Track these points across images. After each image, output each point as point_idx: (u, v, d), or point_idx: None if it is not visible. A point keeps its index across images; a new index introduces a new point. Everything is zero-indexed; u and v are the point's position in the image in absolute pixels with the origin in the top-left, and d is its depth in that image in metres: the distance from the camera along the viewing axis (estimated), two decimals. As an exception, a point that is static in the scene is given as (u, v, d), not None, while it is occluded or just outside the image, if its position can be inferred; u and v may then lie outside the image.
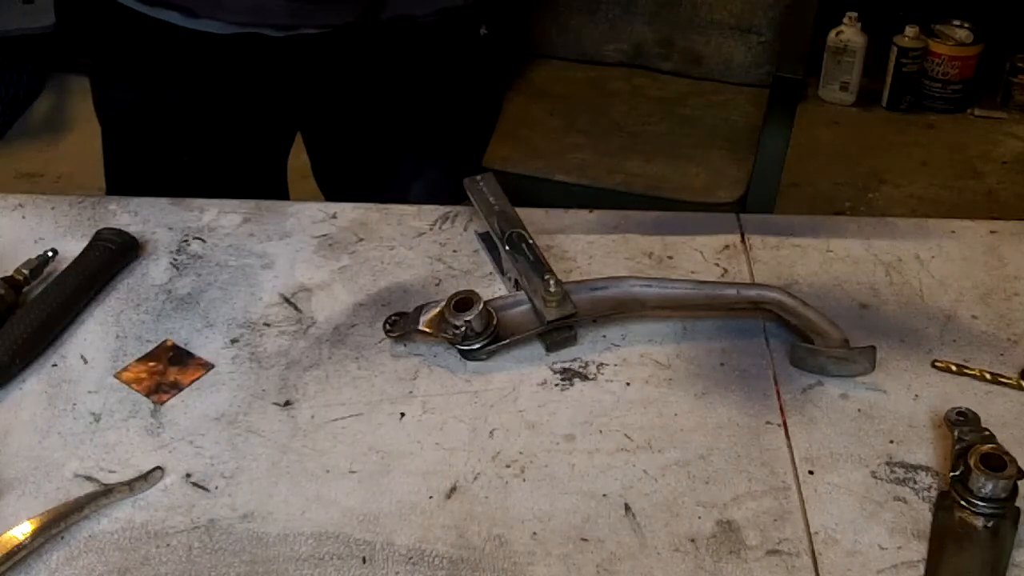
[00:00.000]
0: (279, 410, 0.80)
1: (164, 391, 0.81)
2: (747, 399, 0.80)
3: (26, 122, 3.03)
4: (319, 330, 0.87)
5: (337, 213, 1.01)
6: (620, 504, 0.72)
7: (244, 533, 0.70)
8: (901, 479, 0.73)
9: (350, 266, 0.94)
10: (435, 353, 0.85)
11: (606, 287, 0.85)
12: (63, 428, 0.78)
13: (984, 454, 0.68)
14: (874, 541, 0.69)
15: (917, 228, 0.97)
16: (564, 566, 0.68)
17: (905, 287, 0.90)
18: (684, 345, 0.85)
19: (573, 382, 0.82)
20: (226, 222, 1.00)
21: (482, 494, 0.73)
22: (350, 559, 0.68)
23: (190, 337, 0.87)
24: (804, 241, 0.95)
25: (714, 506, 0.71)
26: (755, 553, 0.68)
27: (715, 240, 0.96)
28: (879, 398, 0.80)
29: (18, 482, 0.74)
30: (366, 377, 0.83)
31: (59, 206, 1.01)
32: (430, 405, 0.80)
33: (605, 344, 0.85)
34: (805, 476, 0.73)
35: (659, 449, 0.76)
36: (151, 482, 0.73)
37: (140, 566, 0.68)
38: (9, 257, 0.93)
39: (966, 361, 0.82)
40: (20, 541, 0.67)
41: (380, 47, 1.07)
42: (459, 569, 0.68)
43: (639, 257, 0.94)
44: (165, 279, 0.93)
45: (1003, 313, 0.87)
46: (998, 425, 0.74)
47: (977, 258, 0.93)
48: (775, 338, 0.85)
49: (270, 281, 0.93)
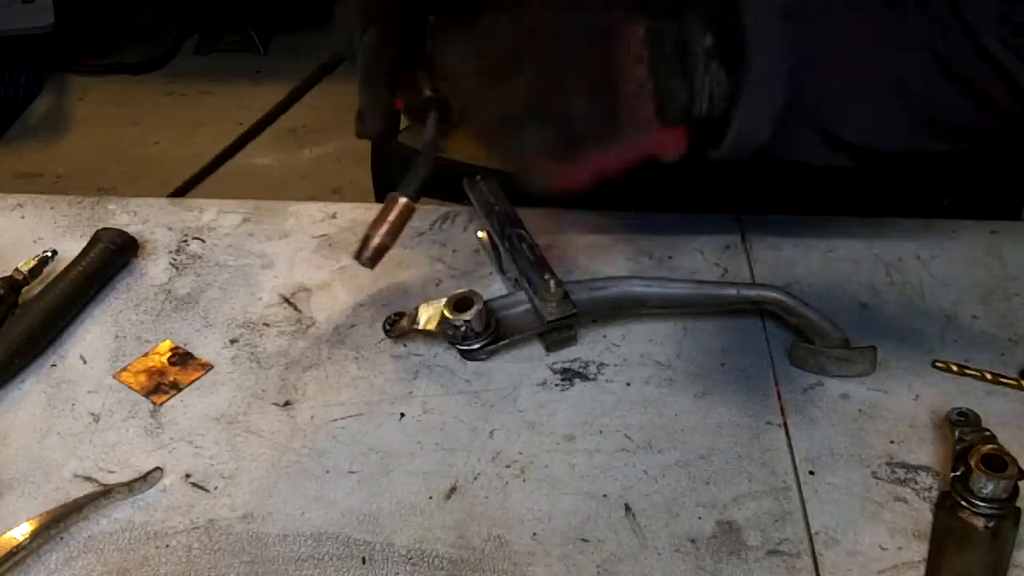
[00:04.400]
0: (279, 410, 0.80)
1: (163, 391, 0.81)
2: (747, 399, 0.80)
3: (25, 122, 3.04)
4: (319, 330, 0.87)
5: (337, 213, 1.00)
6: (620, 504, 0.72)
7: (244, 533, 0.70)
8: (902, 479, 0.73)
9: (350, 266, 0.94)
10: (435, 353, 0.84)
11: (606, 287, 0.85)
12: (62, 428, 0.78)
13: (985, 454, 0.68)
14: (875, 541, 0.69)
15: (918, 228, 0.97)
16: (564, 566, 0.68)
17: (906, 287, 0.90)
18: (684, 345, 0.85)
19: (573, 382, 0.82)
20: (225, 222, 0.99)
21: (482, 494, 0.73)
22: (350, 559, 0.68)
23: (189, 337, 0.86)
24: (804, 241, 0.95)
25: (714, 506, 0.71)
26: (755, 553, 0.68)
27: (715, 240, 0.95)
28: (880, 398, 0.79)
29: (17, 482, 0.74)
30: (366, 377, 0.82)
31: (58, 206, 1.01)
32: (430, 405, 0.80)
33: (605, 344, 0.85)
34: (805, 476, 0.73)
35: (659, 449, 0.76)
36: (150, 482, 0.73)
37: (139, 567, 0.68)
38: (8, 257, 0.93)
39: (967, 361, 0.82)
40: (19, 542, 0.67)
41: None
42: (459, 569, 0.68)
43: (639, 257, 0.94)
44: (164, 279, 0.93)
45: (1004, 313, 0.87)
46: (999, 425, 0.74)
47: (978, 258, 0.93)
48: (775, 338, 0.85)
49: (270, 281, 0.92)
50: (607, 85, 0.69)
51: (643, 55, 0.68)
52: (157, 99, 3.18)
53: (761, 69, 0.69)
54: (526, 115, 0.72)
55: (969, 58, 0.70)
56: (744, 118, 0.71)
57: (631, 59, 0.69)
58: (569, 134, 0.71)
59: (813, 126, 0.74)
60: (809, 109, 0.72)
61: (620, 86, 0.69)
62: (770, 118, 0.71)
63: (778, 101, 0.71)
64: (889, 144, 0.76)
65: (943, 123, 0.75)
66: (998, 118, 0.74)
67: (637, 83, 0.69)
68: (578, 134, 0.71)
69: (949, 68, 0.71)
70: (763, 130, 0.72)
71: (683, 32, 0.69)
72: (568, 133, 0.71)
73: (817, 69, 0.71)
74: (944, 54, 0.71)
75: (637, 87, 0.69)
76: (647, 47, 0.69)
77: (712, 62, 0.69)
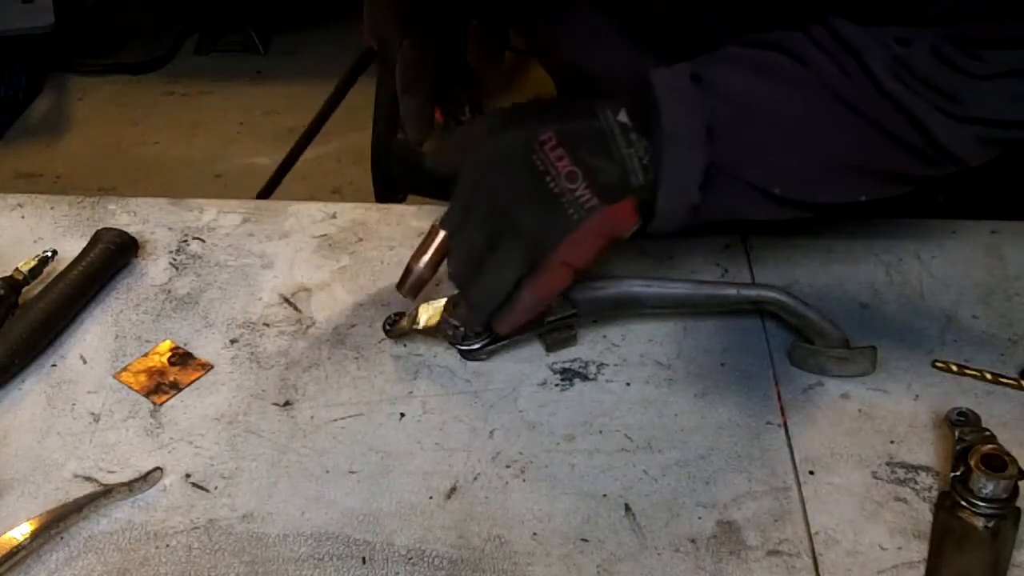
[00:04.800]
0: (279, 410, 0.80)
1: (163, 391, 0.81)
2: (747, 399, 0.80)
3: (26, 122, 3.04)
4: (319, 330, 0.87)
5: (337, 213, 1.00)
6: (620, 504, 0.72)
7: (244, 533, 0.70)
8: (902, 479, 0.73)
9: (350, 266, 0.94)
10: (435, 353, 0.84)
11: (606, 287, 0.85)
12: (62, 428, 0.78)
13: (985, 454, 0.68)
14: (874, 541, 0.69)
15: (918, 228, 0.97)
16: (564, 566, 0.68)
17: (906, 287, 0.90)
18: (684, 345, 0.85)
19: (573, 382, 0.82)
20: (225, 222, 0.99)
21: (482, 494, 0.73)
22: (350, 559, 0.68)
23: (189, 337, 0.86)
24: (804, 241, 0.95)
25: (714, 506, 0.71)
26: (755, 553, 0.68)
27: (715, 240, 0.95)
28: (879, 398, 0.79)
29: (17, 482, 0.74)
30: (366, 377, 0.82)
31: (58, 206, 1.01)
32: (430, 405, 0.80)
33: (605, 344, 0.85)
34: (805, 476, 0.73)
35: (659, 449, 0.76)
36: (150, 482, 0.73)
37: (139, 567, 0.68)
38: (8, 257, 0.93)
39: (967, 361, 0.82)
40: (19, 542, 0.67)
41: None
42: (459, 569, 0.68)
43: (639, 257, 0.94)
44: (164, 279, 0.93)
45: (1004, 313, 0.87)
46: (999, 425, 0.74)
47: (978, 258, 0.93)
48: (775, 338, 0.85)
49: (270, 281, 0.92)
50: (543, 192, 0.74)
51: (562, 153, 0.73)
52: (157, 99, 3.18)
53: (675, 128, 0.73)
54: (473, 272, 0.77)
55: (877, 102, 0.73)
56: (668, 180, 0.74)
57: (552, 160, 0.73)
58: (533, 247, 0.75)
59: (745, 183, 0.76)
60: (735, 166, 0.75)
61: (556, 185, 0.73)
62: (694, 176, 0.74)
63: (698, 159, 0.73)
64: (823, 194, 0.78)
65: (872, 168, 0.77)
66: (927, 163, 0.75)
67: (566, 177, 0.73)
68: (538, 242, 0.75)
69: (861, 112, 0.73)
70: (691, 190, 0.74)
71: (596, 118, 0.74)
72: (532, 246, 0.75)
73: (734, 126, 0.74)
74: (853, 99, 0.73)
75: (568, 181, 0.74)
76: (562, 145, 0.74)
77: (631, 134, 0.74)
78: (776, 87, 0.74)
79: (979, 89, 0.72)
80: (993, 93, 0.72)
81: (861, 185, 0.78)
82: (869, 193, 0.78)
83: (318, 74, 2.22)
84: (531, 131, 0.75)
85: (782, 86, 0.74)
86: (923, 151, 0.74)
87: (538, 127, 0.74)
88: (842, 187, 0.78)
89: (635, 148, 0.74)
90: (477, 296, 0.78)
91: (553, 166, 0.73)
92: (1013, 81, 0.72)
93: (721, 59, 0.75)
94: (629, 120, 0.74)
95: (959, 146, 0.74)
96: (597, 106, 0.75)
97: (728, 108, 0.74)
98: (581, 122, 0.75)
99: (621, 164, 0.74)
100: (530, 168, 0.74)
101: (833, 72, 0.73)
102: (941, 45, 0.72)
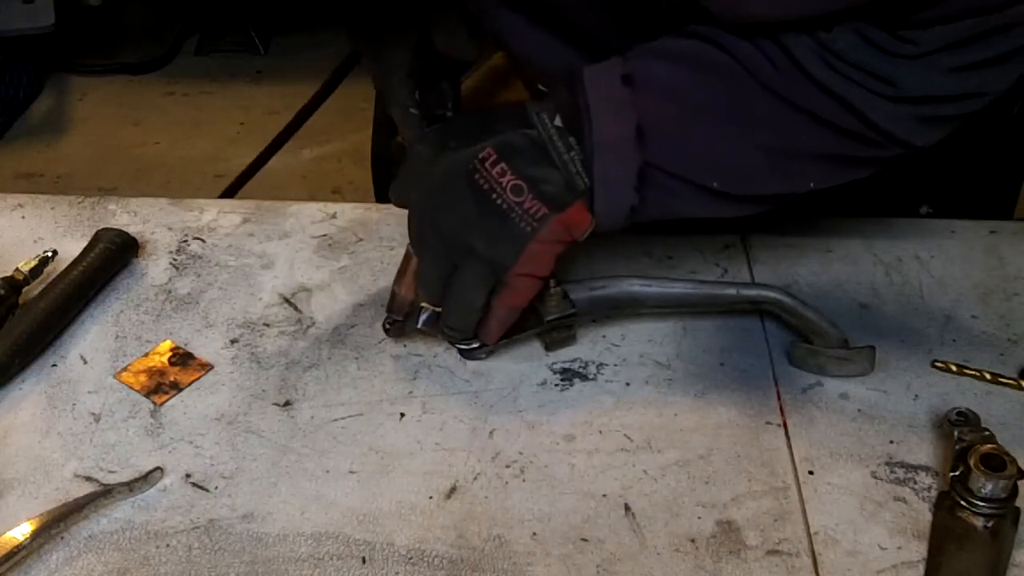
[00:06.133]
0: (279, 410, 0.80)
1: (164, 391, 0.81)
2: (747, 399, 0.80)
3: (26, 122, 3.03)
4: (319, 330, 0.87)
5: (337, 213, 1.01)
6: (620, 504, 0.72)
7: (244, 533, 0.70)
8: (901, 479, 0.73)
9: (350, 266, 0.94)
10: (435, 353, 0.85)
11: (606, 287, 0.85)
12: (63, 428, 0.78)
13: (984, 454, 0.68)
14: (874, 541, 0.69)
15: (917, 228, 0.97)
16: (564, 566, 0.68)
17: (905, 287, 0.90)
18: (684, 345, 0.85)
19: (573, 382, 0.82)
20: (226, 222, 1.00)
21: (482, 494, 0.73)
22: (350, 559, 0.68)
23: (190, 337, 0.86)
24: (804, 241, 0.95)
25: (714, 506, 0.71)
26: (755, 553, 0.68)
27: (715, 240, 0.96)
28: (879, 398, 0.79)
29: (18, 482, 0.74)
30: (366, 377, 0.83)
31: (59, 206, 1.01)
32: (430, 405, 0.80)
33: (605, 344, 0.85)
34: (805, 476, 0.73)
35: (659, 449, 0.76)
36: (151, 482, 0.73)
37: (140, 566, 0.68)
38: (9, 257, 0.93)
39: (966, 361, 0.82)
40: (20, 542, 0.67)
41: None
42: (459, 569, 0.68)
43: (639, 257, 0.94)
44: (165, 279, 0.93)
45: (1003, 313, 0.87)
46: (998, 425, 0.74)
47: (977, 258, 0.93)
48: (775, 338, 0.85)
49: (270, 281, 0.93)
50: (491, 210, 0.74)
51: (504, 168, 0.74)
52: (157, 99, 3.18)
53: (602, 137, 0.73)
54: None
55: (808, 91, 0.72)
56: (602, 186, 0.74)
57: (495, 176, 0.74)
58: (492, 266, 0.76)
59: (682, 180, 0.76)
60: (670, 164, 0.75)
61: (503, 201, 0.74)
62: (628, 179, 0.74)
63: (630, 161, 0.74)
64: (766, 185, 0.78)
65: (814, 154, 0.76)
66: (869, 145, 0.75)
67: (511, 191, 0.74)
68: (496, 261, 0.75)
69: (791, 101, 0.73)
70: (626, 193, 0.75)
71: (533, 127, 0.75)
72: (490, 266, 0.76)
73: (666, 125, 0.74)
74: (782, 90, 0.73)
75: (514, 194, 0.74)
76: (503, 159, 0.74)
77: (569, 138, 0.74)
78: (707, 82, 0.74)
79: (912, 68, 0.71)
80: (925, 70, 0.71)
81: (807, 172, 0.77)
82: (819, 180, 0.78)
83: (318, 74, 2.21)
84: (470, 151, 0.75)
85: (712, 81, 0.74)
86: (863, 135, 0.74)
87: (477, 144, 0.75)
88: (786, 176, 0.77)
89: (575, 151, 0.74)
90: (452, 319, 0.79)
91: (497, 183, 0.74)
92: (944, 56, 0.71)
93: (653, 54, 0.75)
94: (564, 124, 0.74)
95: (898, 128, 0.74)
96: (534, 112, 0.75)
97: (659, 107, 0.74)
98: (518, 133, 0.75)
99: (564, 170, 0.74)
100: (474, 188, 0.74)
101: (761, 63, 0.73)
102: (866, 30, 0.71)
